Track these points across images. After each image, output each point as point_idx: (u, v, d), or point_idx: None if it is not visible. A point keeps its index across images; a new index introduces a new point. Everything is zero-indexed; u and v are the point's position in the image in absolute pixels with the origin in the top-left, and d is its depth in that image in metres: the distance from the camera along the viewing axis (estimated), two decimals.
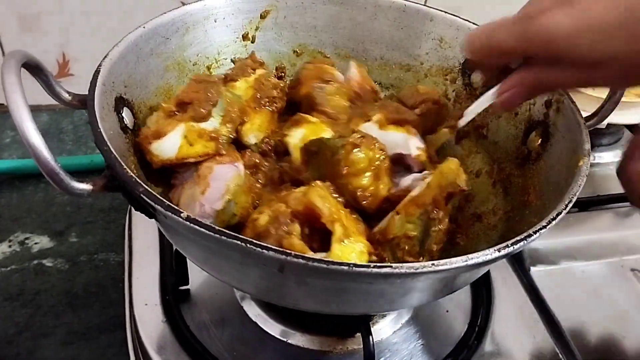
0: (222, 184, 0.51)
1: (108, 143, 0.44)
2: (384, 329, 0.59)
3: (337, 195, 0.50)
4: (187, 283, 0.62)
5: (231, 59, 0.65)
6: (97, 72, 0.50)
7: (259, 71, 0.60)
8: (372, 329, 0.54)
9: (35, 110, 0.96)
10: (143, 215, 0.46)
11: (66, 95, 0.51)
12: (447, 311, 0.61)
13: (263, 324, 0.60)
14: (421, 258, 0.49)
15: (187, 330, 0.58)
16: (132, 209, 0.70)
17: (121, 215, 0.80)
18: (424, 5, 0.66)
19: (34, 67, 0.46)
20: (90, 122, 0.46)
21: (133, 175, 0.42)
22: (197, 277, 0.63)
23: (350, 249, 0.44)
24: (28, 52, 0.46)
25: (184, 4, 0.90)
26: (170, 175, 0.55)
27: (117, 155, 0.43)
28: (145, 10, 0.91)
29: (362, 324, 0.54)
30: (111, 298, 0.71)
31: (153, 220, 0.47)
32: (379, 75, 0.69)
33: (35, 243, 0.77)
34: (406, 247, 0.49)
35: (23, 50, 0.45)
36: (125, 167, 0.42)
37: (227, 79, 0.59)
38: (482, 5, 1.02)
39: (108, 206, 0.82)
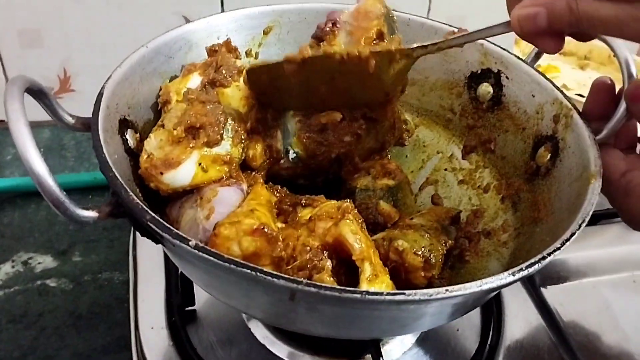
0: (227, 209, 0.50)
1: (113, 169, 0.43)
2: (394, 350, 0.58)
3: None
4: (193, 303, 0.61)
5: (205, 48, 0.61)
6: (100, 94, 0.50)
7: (244, 68, 0.57)
8: (382, 350, 0.53)
9: (36, 126, 0.96)
10: None
11: (69, 119, 0.50)
12: (458, 330, 0.60)
13: (270, 345, 0.59)
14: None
15: (194, 353, 0.57)
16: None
17: (125, 234, 0.79)
18: (428, 18, 0.66)
19: (36, 92, 0.46)
20: (95, 147, 0.45)
21: (139, 202, 0.41)
22: (202, 297, 0.62)
23: (378, 288, 0.44)
24: (30, 77, 0.45)
25: (186, 18, 0.91)
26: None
27: (122, 182, 0.42)
28: (146, 25, 0.91)
29: (372, 345, 0.53)
30: (116, 318, 0.70)
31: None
32: None
33: (39, 263, 0.76)
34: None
35: (25, 76, 0.44)
36: (131, 194, 0.41)
37: (216, 84, 0.55)
38: (485, 14, 1.02)
39: (111, 225, 0.81)
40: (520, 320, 0.62)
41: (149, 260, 0.66)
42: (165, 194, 0.51)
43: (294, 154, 0.57)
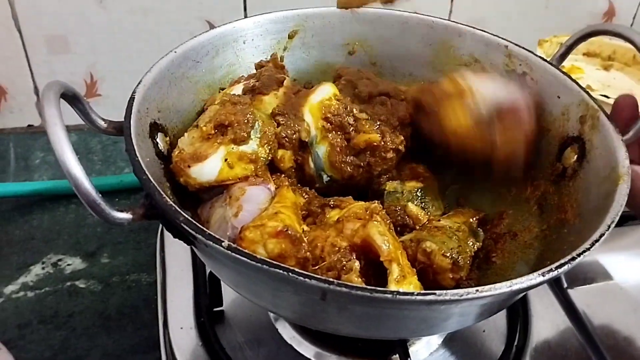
0: (254, 206, 0.51)
1: (146, 172, 0.44)
2: (421, 350, 0.58)
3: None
4: (221, 304, 0.62)
5: (254, 64, 0.64)
6: (131, 99, 0.51)
7: (286, 82, 0.59)
8: (409, 351, 0.54)
9: None
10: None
11: (101, 123, 0.51)
12: (484, 331, 0.60)
13: (297, 345, 0.59)
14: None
15: (223, 353, 0.58)
16: (163, 231, 0.71)
17: (151, 235, 0.80)
18: (452, 21, 0.66)
19: (70, 97, 0.47)
20: (128, 150, 0.46)
21: (173, 204, 0.42)
22: (230, 297, 0.63)
23: (405, 289, 0.44)
24: (64, 82, 0.46)
25: (209, 23, 0.92)
26: (197, 195, 0.55)
27: (155, 184, 0.43)
28: (171, 31, 0.92)
29: (400, 346, 0.53)
30: (144, 319, 0.71)
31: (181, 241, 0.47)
32: (405, 92, 0.68)
33: (68, 264, 0.77)
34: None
35: (60, 81, 0.45)
36: (164, 196, 0.42)
37: (256, 92, 0.58)
38: (505, 16, 1.02)
39: (138, 227, 0.83)
40: (547, 321, 0.62)
41: (176, 261, 0.67)
42: (193, 189, 0.52)
43: (328, 178, 0.57)
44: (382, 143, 0.56)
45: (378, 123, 0.56)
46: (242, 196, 0.51)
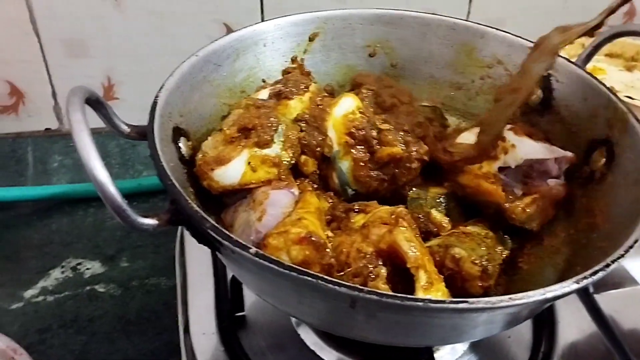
0: (278, 210, 0.51)
1: (171, 177, 0.44)
2: (446, 356, 0.57)
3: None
4: (243, 309, 0.61)
5: (282, 70, 0.64)
6: (154, 103, 0.50)
7: (312, 87, 0.59)
8: (434, 357, 0.53)
9: None
10: (195, 242, 0.45)
11: (124, 127, 0.51)
12: (509, 337, 0.60)
13: (320, 351, 0.59)
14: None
15: (245, 358, 0.57)
16: (183, 235, 0.71)
17: (170, 239, 0.80)
18: (474, 22, 0.65)
19: (94, 102, 0.47)
20: (152, 155, 0.46)
21: (199, 210, 0.42)
22: (251, 302, 0.62)
23: (433, 296, 0.43)
24: (89, 87, 0.46)
25: (226, 26, 0.92)
26: (221, 199, 0.55)
27: (181, 190, 0.43)
28: (188, 34, 0.92)
29: (425, 352, 0.53)
30: (164, 323, 0.71)
31: (206, 247, 0.46)
32: (429, 94, 0.68)
33: (87, 268, 0.77)
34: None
35: (85, 87, 0.45)
36: (190, 201, 0.42)
37: (281, 96, 0.58)
38: (524, 16, 1.00)
39: (157, 231, 0.82)
40: (574, 327, 0.61)
41: (197, 266, 0.67)
42: (217, 192, 0.52)
43: (353, 192, 0.57)
44: (407, 154, 0.55)
45: (401, 133, 0.55)
46: (265, 200, 0.51)
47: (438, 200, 0.56)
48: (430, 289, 0.44)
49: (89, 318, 0.71)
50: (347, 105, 0.57)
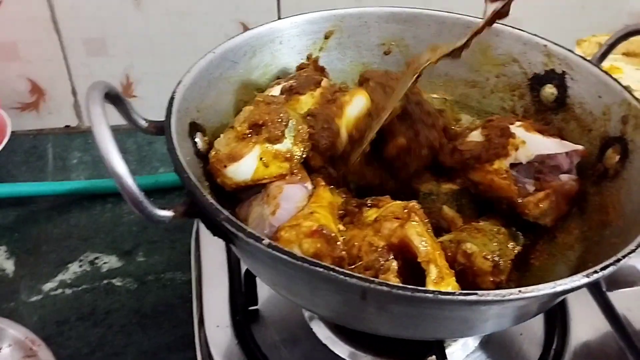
0: (292, 204, 0.52)
1: (188, 170, 0.45)
2: (457, 352, 0.58)
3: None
4: (256, 303, 0.62)
5: (296, 66, 0.65)
6: (171, 98, 0.52)
7: (324, 83, 0.59)
8: (445, 352, 0.53)
9: None
10: (210, 236, 0.46)
11: (142, 122, 0.52)
12: (521, 334, 0.60)
13: (332, 345, 0.59)
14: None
15: (258, 351, 0.58)
16: (198, 230, 0.72)
17: (186, 235, 0.81)
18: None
19: (113, 97, 0.48)
20: (169, 149, 0.47)
21: (213, 202, 0.42)
22: (265, 296, 0.63)
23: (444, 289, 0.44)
24: (109, 82, 0.47)
25: (243, 25, 0.93)
26: (235, 194, 0.56)
27: (196, 182, 0.44)
28: (206, 33, 0.93)
29: (437, 347, 0.53)
30: (179, 317, 0.72)
31: (220, 241, 0.47)
32: (444, 92, 0.68)
33: (105, 263, 0.79)
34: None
35: (104, 81, 0.46)
36: (205, 194, 0.43)
37: (293, 91, 0.58)
38: (540, 15, 1.00)
39: (173, 226, 0.83)
40: (586, 324, 0.61)
41: (212, 260, 0.68)
42: (230, 189, 0.53)
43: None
44: (417, 141, 0.56)
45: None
46: (279, 194, 0.52)
47: (450, 197, 0.56)
48: (441, 283, 0.44)
49: (106, 311, 0.73)
50: (359, 105, 0.57)
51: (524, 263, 0.55)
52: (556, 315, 0.61)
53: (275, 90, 0.59)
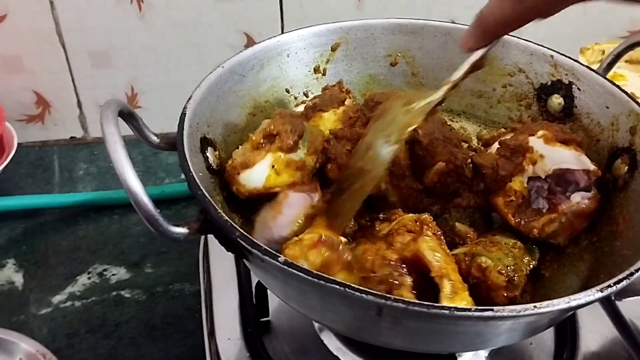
0: (293, 212, 0.52)
1: (201, 187, 0.45)
2: None
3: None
4: (267, 315, 0.62)
5: (322, 87, 0.65)
6: (183, 114, 0.52)
7: (347, 102, 0.60)
8: None
9: (103, 142, 1.00)
10: (219, 248, 0.47)
11: (154, 138, 0.52)
12: (531, 344, 0.60)
13: (342, 356, 0.60)
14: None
15: None
16: (207, 242, 0.72)
17: (193, 246, 0.81)
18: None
19: (126, 114, 0.48)
20: (182, 166, 0.47)
21: (228, 219, 0.43)
22: (275, 307, 0.63)
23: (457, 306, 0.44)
24: (121, 100, 0.47)
25: (247, 36, 0.93)
26: (251, 206, 0.56)
27: (211, 200, 0.44)
28: (210, 44, 0.93)
29: (448, 358, 0.53)
30: (188, 328, 0.72)
31: (229, 253, 0.48)
32: (450, 102, 0.68)
33: (113, 274, 0.79)
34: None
35: (117, 99, 0.47)
36: (220, 211, 0.43)
37: (316, 108, 0.60)
38: (542, 23, 1.00)
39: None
40: (596, 333, 0.61)
41: (221, 272, 0.68)
42: (244, 197, 0.54)
43: None
44: (456, 163, 0.55)
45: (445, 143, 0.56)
46: (284, 200, 0.52)
47: (463, 213, 0.56)
48: (455, 298, 0.44)
49: (116, 323, 0.73)
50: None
51: (534, 274, 0.55)
52: (565, 324, 0.61)
53: (299, 108, 0.59)
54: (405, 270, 0.46)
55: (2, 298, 0.75)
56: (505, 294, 0.48)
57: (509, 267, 0.49)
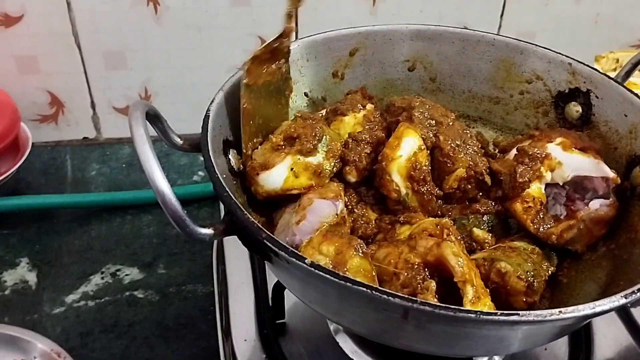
0: (317, 218, 0.52)
1: (227, 189, 0.45)
2: None
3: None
4: (283, 317, 0.62)
5: (345, 92, 0.66)
6: (206, 116, 0.52)
7: (369, 107, 0.61)
8: None
9: (117, 143, 1.00)
10: (235, 250, 0.47)
11: (178, 140, 0.53)
12: (546, 349, 0.60)
13: (358, 359, 0.60)
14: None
15: None
16: (221, 243, 0.72)
17: (205, 247, 0.82)
18: (512, 38, 0.66)
19: (152, 116, 0.49)
20: (207, 168, 0.47)
21: (255, 221, 0.43)
22: (290, 309, 0.64)
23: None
24: (148, 102, 0.48)
25: (261, 39, 0.94)
26: (270, 208, 0.56)
27: (237, 202, 0.44)
28: (223, 47, 0.94)
29: None
30: (201, 329, 0.72)
31: (245, 254, 0.48)
32: (466, 108, 0.69)
33: (126, 275, 0.79)
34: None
35: (144, 101, 0.47)
36: (246, 213, 0.43)
37: (337, 112, 0.60)
38: (554, 31, 1.01)
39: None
40: (610, 339, 0.61)
41: (237, 274, 0.68)
42: (262, 197, 0.54)
43: None
44: (476, 169, 0.56)
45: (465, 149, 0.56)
46: (308, 206, 0.53)
47: (481, 219, 0.56)
48: (478, 303, 0.44)
49: (129, 323, 0.73)
50: (410, 146, 0.56)
51: (552, 280, 0.56)
52: (580, 331, 0.62)
53: (320, 112, 0.60)
54: (427, 273, 0.46)
55: (15, 297, 0.75)
56: (525, 299, 0.48)
57: (528, 273, 0.49)
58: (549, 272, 0.52)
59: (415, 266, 0.46)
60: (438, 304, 0.38)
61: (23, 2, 0.86)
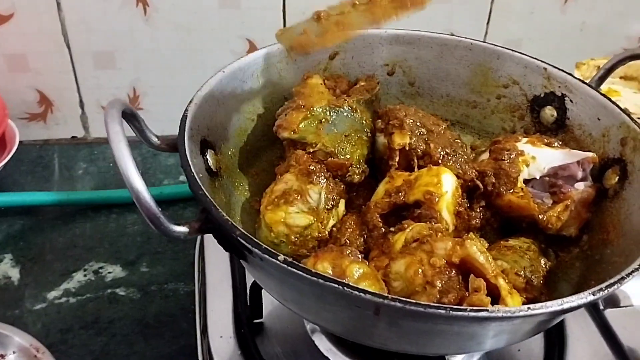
0: None
1: (202, 187, 0.46)
2: None
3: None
4: (261, 316, 0.63)
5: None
6: (184, 117, 0.53)
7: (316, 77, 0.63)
8: None
9: (105, 142, 1.01)
10: (215, 249, 0.47)
11: (155, 140, 0.53)
12: (519, 351, 0.61)
13: (333, 357, 0.60)
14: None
15: None
16: (202, 242, 0.73)
17: (188, 246, 0.82)
18: (490, 43, 0.67)
19: (129, 115, 0.49)
20: (183, 166, 0.48)
21: (229, 218, 0.44)
22: (268, 309, 0.64)
23: (517, 301, 0.45)
24: (125, 100, 0.48)
25: (250, 41, 0.95)
26: None
27: (212, 200, 0.45)
28: (212, 49, 0.95)
29: None
30: (181, 327, 0.73)
31: (224, 254, 0.49)
32: (444, 112, 0.70)
33: (109, 272, 0.80)
34: None
35: (121, 99, 0.48)
36: (220, 211, 0.44)
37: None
38: (540, 38, 1.02)
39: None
40: (583, 342, 0.62)
41: (216, 273, 0.68)
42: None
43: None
44: (465, 177, 0.57)
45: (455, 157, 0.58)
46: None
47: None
48: (514, 296, 0.45)
49: (109, 320, 0.73)
50: (450, 184, 0.55)
51: (528, 282, 0.57)
52: (553, 332, 0.62)
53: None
54: (460, 275, 0.45)
55: None
56: (525, 296, 0.48)
57: (525, 269, 0.49)
58: (547, 267, 0.52)
59: (447, 269, 0.45)
60: (408, 300, 0.39)
61: (13, 1, 0.86)
